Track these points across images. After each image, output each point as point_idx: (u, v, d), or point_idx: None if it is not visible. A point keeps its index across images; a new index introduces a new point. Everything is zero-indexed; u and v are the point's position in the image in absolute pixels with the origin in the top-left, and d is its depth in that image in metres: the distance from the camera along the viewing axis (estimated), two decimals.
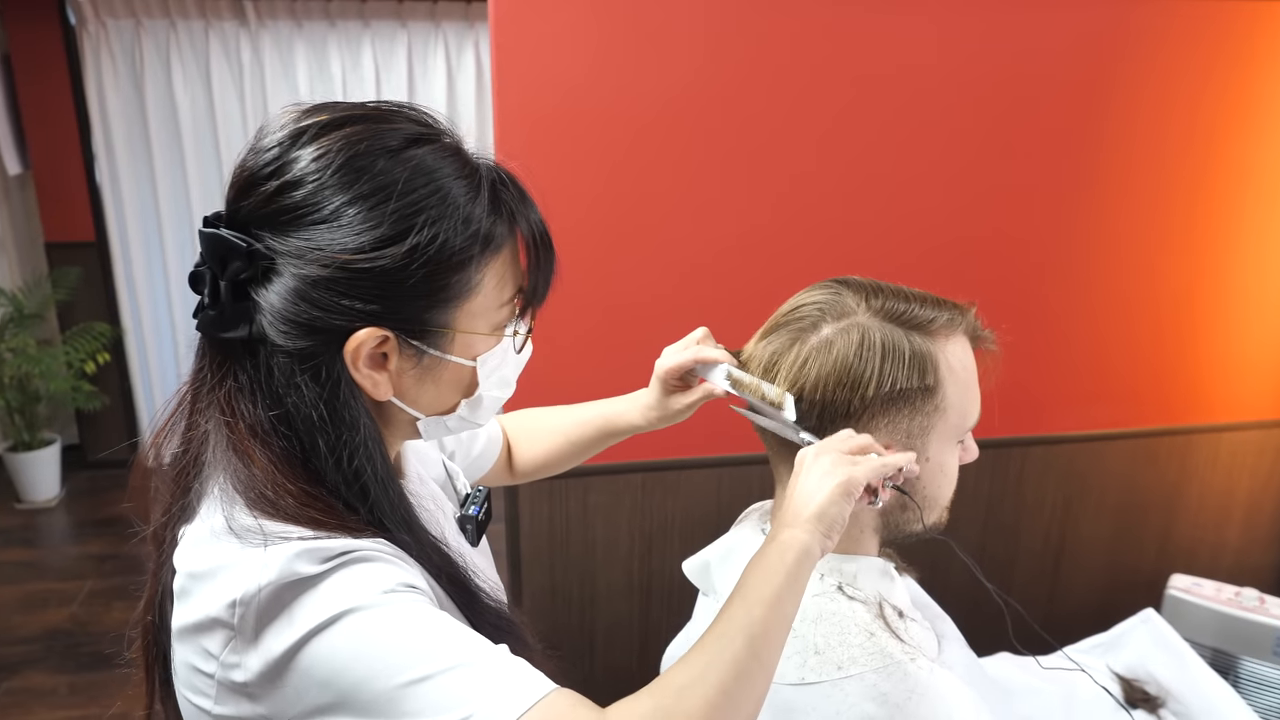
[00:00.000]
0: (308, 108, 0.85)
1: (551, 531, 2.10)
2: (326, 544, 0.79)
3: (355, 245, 0.80)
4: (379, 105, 0.87)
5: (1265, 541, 2.58)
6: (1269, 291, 2.34)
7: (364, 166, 0.81)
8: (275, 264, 0.81)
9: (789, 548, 0.89)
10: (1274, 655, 2.09)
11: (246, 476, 0.82)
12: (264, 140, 0.83)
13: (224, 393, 0.84)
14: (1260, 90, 2.17)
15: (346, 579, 0.78)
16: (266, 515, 0.80)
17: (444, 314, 0.86)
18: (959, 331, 1.08)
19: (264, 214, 0.81)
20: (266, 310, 0.81)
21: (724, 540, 1.24)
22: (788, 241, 2.02)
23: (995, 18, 1.99)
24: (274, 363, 0.83)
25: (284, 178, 0.80)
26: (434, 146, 0.85)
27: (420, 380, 0.89)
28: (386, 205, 0.80)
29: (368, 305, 0.81)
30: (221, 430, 0.84)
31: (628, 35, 1.86)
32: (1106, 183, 2.16)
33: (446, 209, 0.82)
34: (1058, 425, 2.31)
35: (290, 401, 0.83)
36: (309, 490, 0.83)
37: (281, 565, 0.76)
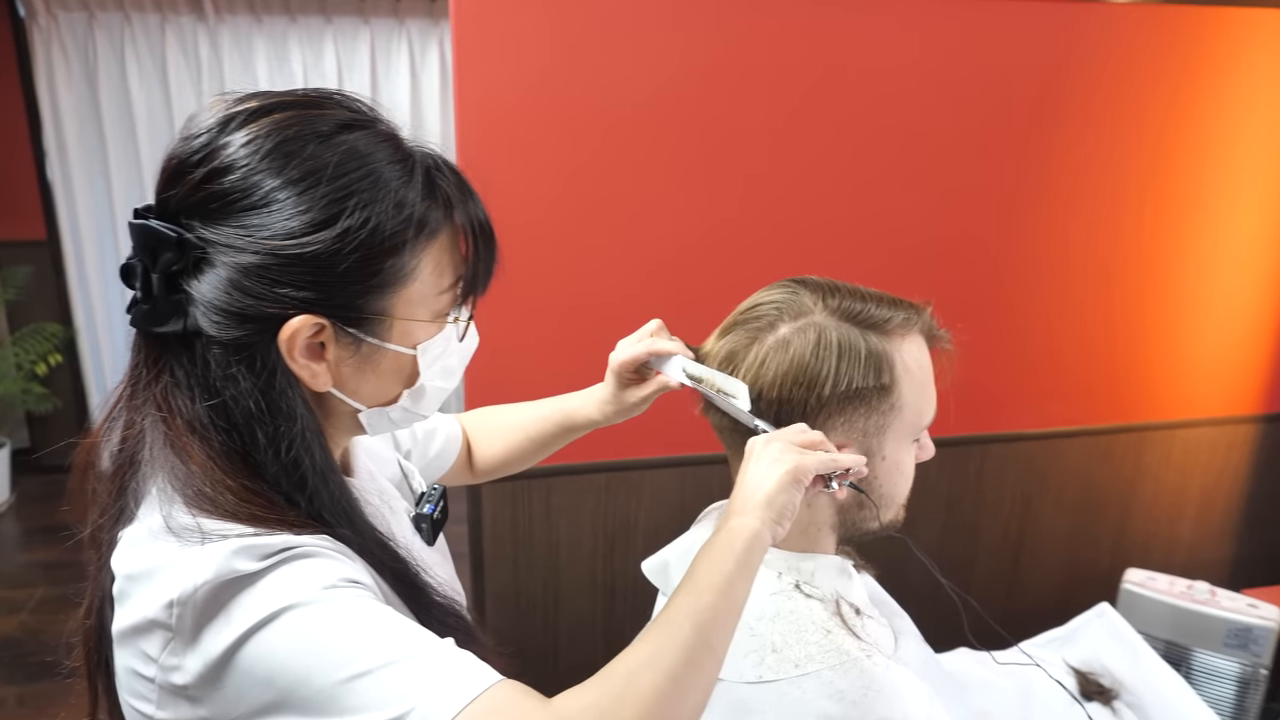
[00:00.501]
0: (239, 95, 0.84)
1: (514, 532, 2.10)
2: (266, 540, 0.78)
3: (285, 230, 0.78)
4: (310, 92, 0.86)
5: (1218, 536, 2.62)
6: (1218, 292, 2.38)
7: (293, 151, 0.79)
8: (207, 254, 0.79)
9: (738, 534, 0.89)
10: (1225, 647, 2.13)
11: (184, 474, 0.81)
12: (193, 128, 0.82)
13: (160, 389, 0.83)
14: (1207, 95, 2.21)
15: (286, 575, 0.77)
16: (205, 513, 0.79)
17: (380, 300, 0.84)
18: (914, 331, 1.09)
19: (193, 202, 0.80)
20: (199, 301, 0.80)
21: (683, 539, 1.24)
22: (749, 240, 2.03)
23: (955, 24, 2.01)
24: (210, 355, 0.81)
25: (212, 164, 0.79)
26: (366, 132, 0.83)
27: (359, 370, 0.87)
28: (317, 189, 0.79)
29: (301, 292, 0.80)
30: (158, 427, 0.82)
31: (590, 33, 1.85)
32: (1060, 186, 2.19)
33: (378, 192, 0.81)
34: (1016, 424, 2.34)
35: (228, 394, 0.81)
36: (249, 485, 0.82)
37: (219, 563, 0.75)
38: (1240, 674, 2.15)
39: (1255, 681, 2.15)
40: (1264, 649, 2.11)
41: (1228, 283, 2.37)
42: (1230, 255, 2.35)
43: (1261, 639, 2.11)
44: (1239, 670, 2.15)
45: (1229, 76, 2.20)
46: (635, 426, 2.03)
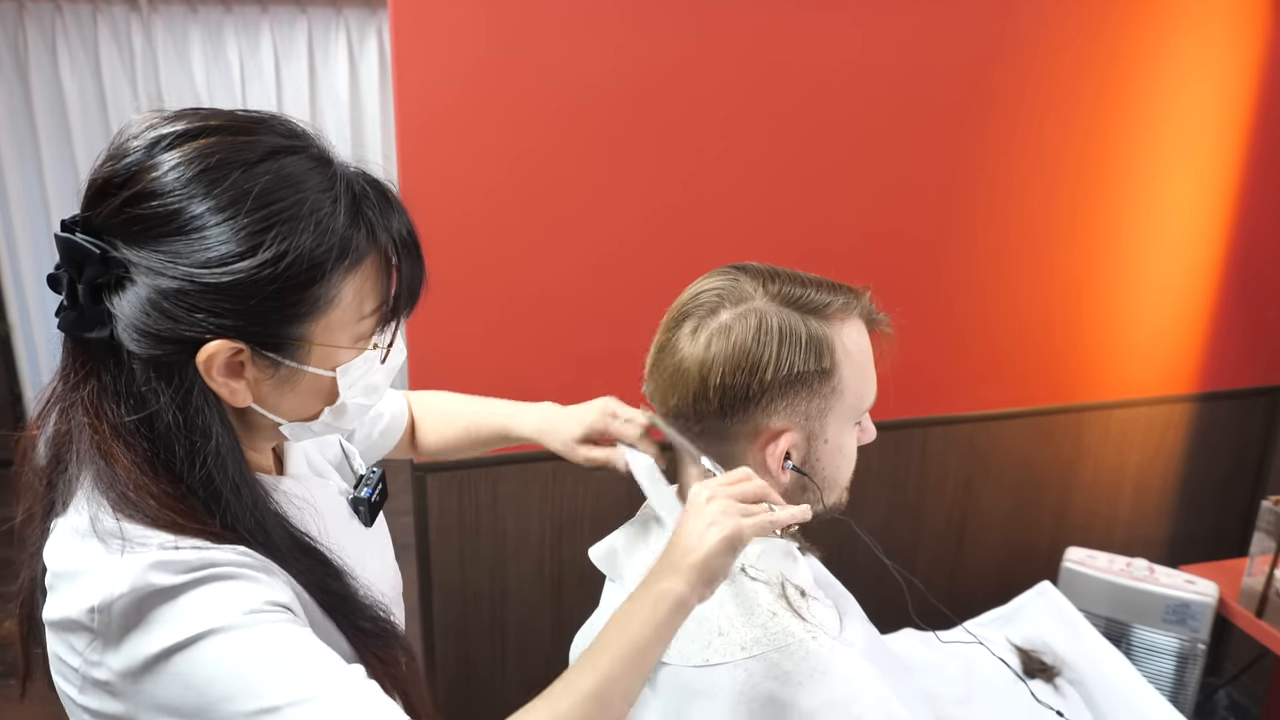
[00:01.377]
0: (169, 114, 0.84)
1: (461, 522, 2.09)
2: (183, 556, 0.79)
3: (204, 259, 0.79)
4: (243, 115, 0.85)
5: (1155, 514, 2.68)
6: (1151, 275, 2.42)
7: (217, 179, 0.79)
8: (129, 272, 0.80)
9: (664, 599, 0.91)
10: (1163, 623, 2.18)
11: (110, 476, 0.82)
12: (122, 146, 0.82)
13: (88, 392, 0.84)
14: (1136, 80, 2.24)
15: (209, 596, 0.79)
16: (128, 517, 0.81)
17: (299, 327, 0.85)
18: (854, 315, 1.10)
19: (117, 223, 0.80)
20: (120, 318, 0.80)
21: (630, 526, 1.25)
22: (690, 229, 2.03)
23: (893, 19, 2.03)
24: (133, 367, 0.83)
25: (137, 187, 0.79)
26: (296, 158, 0.83)
27: (278, 389, 0.88)
28: (237, 219, 0.79)
29: (218, 319, 0.80)
30: (85, 430, 0.84)
31: (530, 22, 1.84)
32: (995, 174, 2.21)
33: (300, 224, 0.81)
34: (954, 406, 2.37)
35: (150, 406, 0.83)
36: (170, 492, 0.83)
37: (135, 576, 0.77)
38: (1179, 649, 2.20)
39: (1194, 656, 2.20)
40: (1201, 624, 2.16)
41: (1160, 266, 2.42)
42: (1162, 239, 2.39)
43: (1199, 614, 2.16)
44: (1178, 645, 2.20)
45: (1157, 61, 2.24)
46: None
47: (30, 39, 4.19)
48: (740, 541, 0.94)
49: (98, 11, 4.21)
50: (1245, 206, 2.44)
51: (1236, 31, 2.28)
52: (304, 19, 4.36)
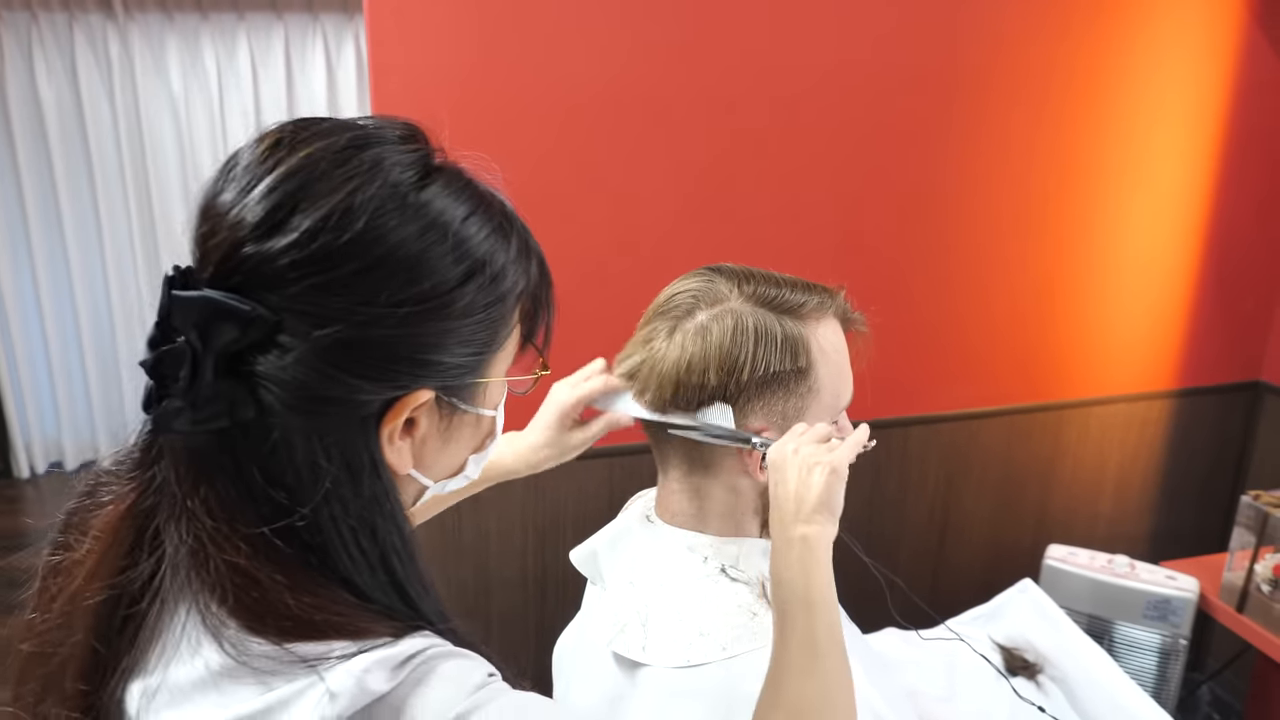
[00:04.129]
0: (288, 131, 0.69)
1: (443, 526, 2.09)
2: (389, 652, 0.66)
3: (398, 300, 0.66)
4: (371, 124, 0.72)
5: (1136, 510, 2.69)
6: (1126, 271, 2.43)
7: (393, 209, 0.67)
8: (282, 328, 0.65)
9: (814, 542, 0.93)
10: (1144, 619, 2.19)
11: (255, 599, 0.66)
12: (251, 181, 0.66)
13: (200, 503, 0.67)
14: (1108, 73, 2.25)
15: (434, 688, 0.67)
16: (289, 637, 0.66)
17: (484, 365, 0.76)
18: (829, 314, 1.10)
19: (270, 271, 0.64)
20: (276, 384, 0.65)
21: (610, 528, 1.25)
22: (669, 232, 2.03)
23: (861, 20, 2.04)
24: (280, 454, 0.67)
25: (297, 231, 0.64)
26: (445, 176, 0.72)
27: (446, 442, 0.78)
28: (431, 253, 0.68)
29: (413, 365, 0.69)
30: (205, 550, 0.67)
31: (509, 28, 1.84)
32: (966, 173, 2.22)
33: (490, 252, 0.72)
34: (935, 405, 2.37)
35: (308, 500, 0.68)
36: (337, 596, 0.69)
37: (353, 689, 0.63)
38: (1161, 645, 2.21)
39: (1175, 652, 2.21)
40: (1183, 620, 2.17)
41: (1136, 261, 2.43)
42: (1137, 233, 2.41)
43: (1180, 610, 2.17)
44: (1160, 641, 2.21)
45: (1128, 53, 2.25)
46: None
47: (6, 47, 4.18)
48: (841, 472, 0.96)
49: (74, 20, 4.20)
50: (1221, 199, 2.46)
51: (1209, 22, 2.30)
52: (280, 25, 4.35)
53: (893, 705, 1.11)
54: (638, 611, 1.11)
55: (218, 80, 4.36)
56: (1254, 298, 2.59)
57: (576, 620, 1.31)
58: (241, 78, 4.39)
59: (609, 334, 1.22)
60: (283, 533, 0.68)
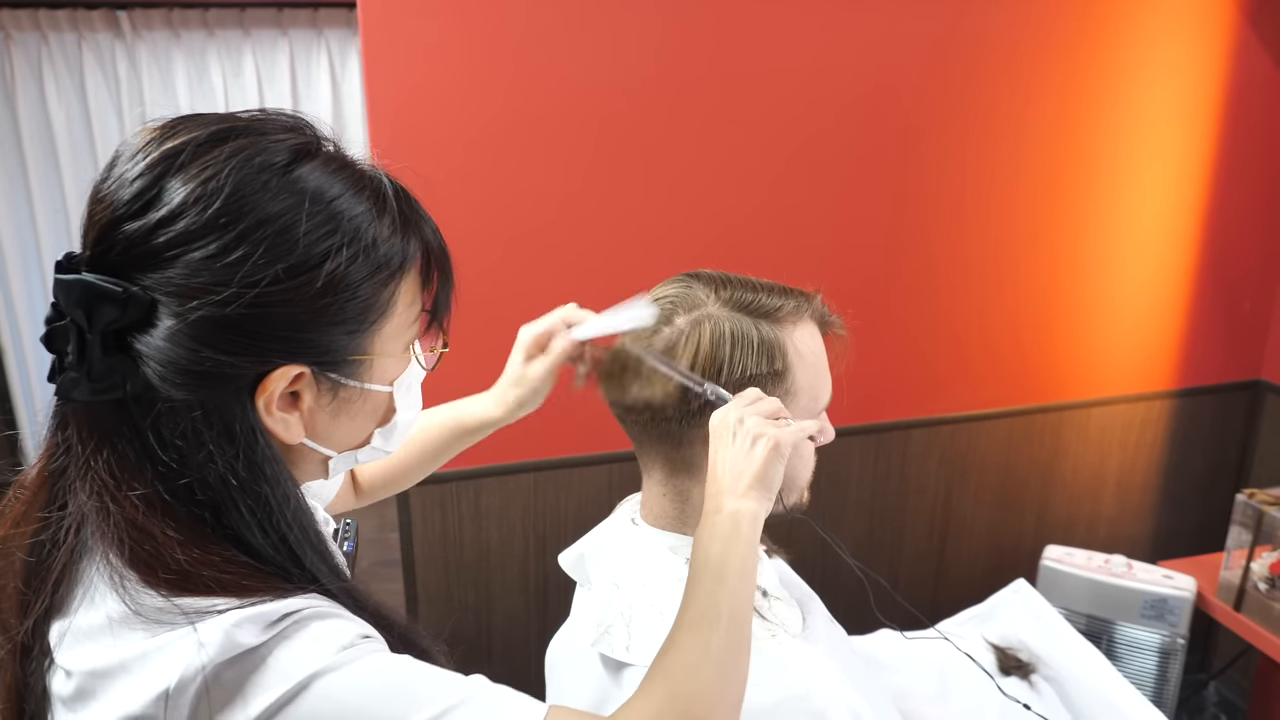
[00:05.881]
0: (166, 124, 0.75)
1: (444, 535, 2.11)
2: (264, 609, 0.71)
3: (268, 275, 0.70)
4: (245, 115, 0.76)
5: (1137, 510, 2.69)
6: (1125, 271, 2.44)
7: (260, 186, 0.71)
8: (157, 307, 0.70)
9: (743, 518, 0.92)
10: (1142, 618, 2.19)
11: (149, 552, 0.72)
12: (128, 168, 0.71)
13: (102, 464, 0.73)
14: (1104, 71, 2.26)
15: (300, 644, 0.71)
16: (180, 591, 0.71)
17: (361, 340, 0.78)
18: (806, 318, 1.12)
19: (142, 252, 0.69)
20: (154, 360, 0.70)
21: (597, 531, 1.27)
22: (662, 238, 2.05)
23: (853, 22, 2.05)
24: (167, 422, 0.72)
25: (165, 208, 0.69)
26: (322, 159, 0.76)
27: (336, 415, 0.81)
28: (295, 230, 0.71)
29: (283, 342, 0.73)
30: (107, 507, 0.72)
31: (501, 39, 1.87)
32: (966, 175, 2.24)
33: (357, 228, 0.75)
34: (935, 408, 2.38)
35: (195, 464, 0.73)
36: (226, 555, 0.74)
37: (221, 641, 0.68)
38: (1160, 645, 2.21)
39: (1174, 652, 2.21)
40: (1180, 619, 2.18)
41: (1134, 262, 2.44)
42: (1135, 235, 2.41)
43: (1177, 609, 2.17)
44: (1159, 641, 2.21)
45: (1124, 54, 2.26)
46: (563, 424, 2.05)
47: (17, 68, 4.22)
48: (783, 449, 0.96)
49: (82, 40, 4.25)
50: (1218, 198, 2.47)
51: (1201, 21, 2.31)
52: (285, 41, 4.39)
53: (874, 704, 1.13)
54: (622, 612, 1.13)
55: (224, 96, 4.40)
56: (1253, 297, 2.59)
57: (567, 623, 1.33)
58: (248, 93, 4.42)
59: None
60: (177, 493, 0.74)
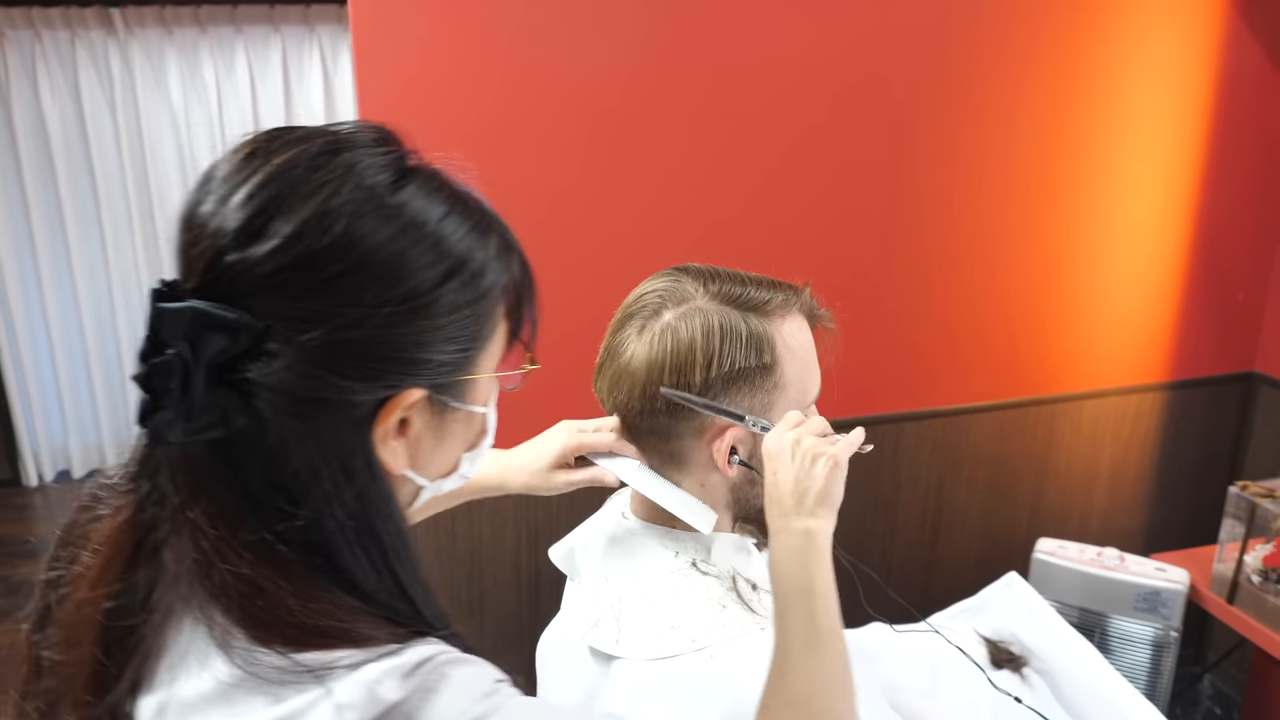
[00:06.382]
0: (263, 140, 0.70)
1: (436, 530, 2.11)
2: (398, 660, 0.66)
3: (385, 298, 0.67)
4: (344, 130, 0.72)
5: (1131, 503, 2.70)
6: (1117, 264, 2.44)
7: (372, 208, 0.67)
8: (268, 335, 0.65)
9: (815, 536, 0.94)
10: (1135, 611, 2.20)
11: (261, 606, 0.66)
12: (231, 190, 0.66)
13: (201, 513, 0.67)
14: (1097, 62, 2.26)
15: (447, 696, 0.66)
16: (299, 645, 0.65)
17: (471, 361, 0.75)
18: (794, 311, 1.12)
19: (254, 278, 0.64)
20: (268, 391, 0.65)
21: (587, 525, 1.27)
22: (654, 234, 2.06)
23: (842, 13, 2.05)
24: (277, 461, 0.67)
25: (278, 235, 0.64)
26: (422, 174, 0.73)
27: (439, 441, 0.78)
28: (416, 248, 0.68)
29: (403, 364, 0.69)
30: (209, 560, 0.66)
31: (492, 35, 1.87)
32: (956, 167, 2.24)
33: (472, 246, 0.72)
34: (926, 401, 2.39)
35: (310, 504, 0.68)
36: (338, 600, 0.69)
37: (364, 698, 0.63)
38: (1153, 638, 2.22)
39: (1167, 645, 2.21)
40: (1173, 612, 2.18)
41: (1126, 254, 2.44)
42: (1126, 227, 2.41)
43: (1170, 602, 2.17)
44: (1152, 634, 2.21)
45: (1112, 48, 2.26)
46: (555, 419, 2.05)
47: (11, 65, 4.23)
48: (842, 465, 0.97)
49: (76, 38, 4.25)
50: (1210, 191, 2.47)
51: (1192, 13, 2.31)
52: (278, 37, 4.39)
53: (864, 698, 1.13)
54: (611, 606, 1.13)
55: (217, 93, 4.40)
56: (1245, 288, 2.59)
57: (558, 617, 1.33)
58: (240, 90, 4.43)
59: (589, 333, 1.24)
60: (284, 538, 0.68)
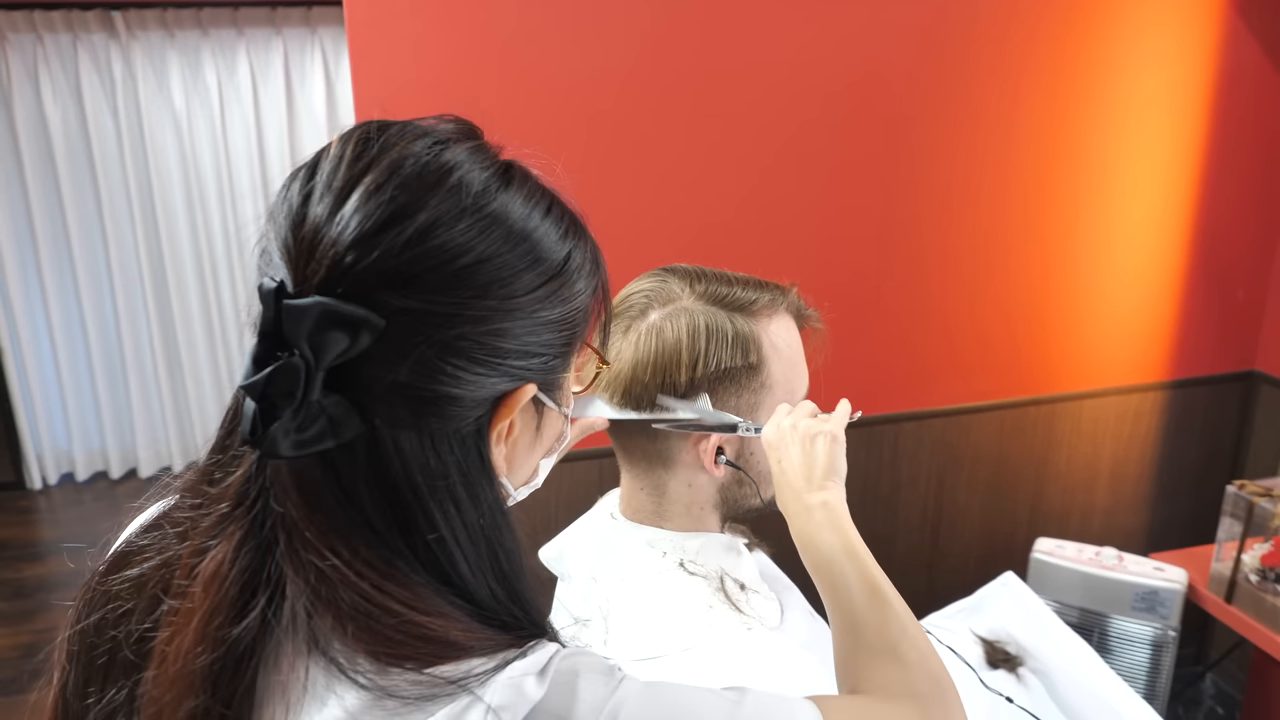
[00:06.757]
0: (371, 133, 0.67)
1: None
2: (529, 660, 0.64)
3: (524, 287, 0.66)
4: (431, 124, 0.70)
5: (1132, 502, 2.69)
6: (1117, 264, 2.44)
7: (491, 201, 0.66)
8: (389, 332, 0.61)
9: (832, 506, 0.97)
10: (1133, 611, 2.19)
11: (392, 625, 0.62)
12: (348, 186, 0.63)
13: (316, 534, 0.62)
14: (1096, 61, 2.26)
15: (585, 687, 0.65)
16: (432, 660, 0.62)
17: (570, 358, 0.74)
18: (781, 311, 1.12)
19: (380, 274, 0.61)
20: (388, 392, 0.62)
21: (576, 526, 1.28)
22: (644, 235, 2.06)
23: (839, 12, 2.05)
24: (395, 471, 0.64)
25: (404, 231, 0.61)
26: (519, 167, 0.73)
27: (533, 443, 0.76)
28: (532, 240, 0.67)
29: (525, 357, 0.67)
30: (327, 582, 0.62)
31: (483, 38, 1.87)
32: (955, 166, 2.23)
33: (578, 240, 0.72)
34: (925, 401, 2.38)
35: (432, 516, 0.65)
36: (459, 611, 0.66)
37: (514, 699, 0.61)
38: (1152, 637, 2.21)
39: (1166, 644, 2.21)
40: (1171, 611, 2.17)
41: (1124, 253, 2.43)
42: (1126, 226, 2.41)
43: (1168, 601, 2.17)
44: (1151, 634, 2.21)
45: (1111, 46, 2.25)
46: None
47: (13, 68, 4.25)
48: (840, 440, 1.02)
49: (78, 40, 4.26)
50: (1210, 189, 2.46)
51: (1190, 11, 2.30)
52: (279, 40, 4.40)
53: None
54: (599, 606, 1.13)
55: (219, 95, 4.41)
56: (1246, 286, 2.58)
57: (550, 618, 1.33)
58: (242, 92, 4.44)
59: None
60: (404, 553, 0.65)
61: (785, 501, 1.00)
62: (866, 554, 0.94)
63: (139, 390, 4.80)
